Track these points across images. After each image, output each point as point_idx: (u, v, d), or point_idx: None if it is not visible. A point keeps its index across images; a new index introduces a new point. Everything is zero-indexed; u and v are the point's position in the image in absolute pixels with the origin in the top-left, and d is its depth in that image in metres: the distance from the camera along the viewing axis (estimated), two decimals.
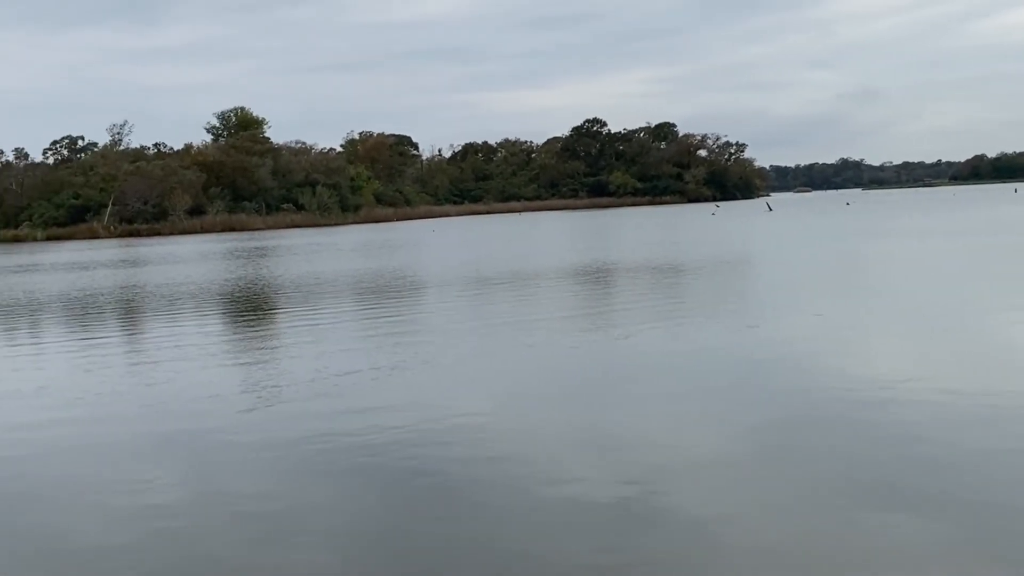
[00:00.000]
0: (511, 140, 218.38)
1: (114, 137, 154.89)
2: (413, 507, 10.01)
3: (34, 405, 16.07)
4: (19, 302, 36.59)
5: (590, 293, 31.27)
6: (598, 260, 44.55)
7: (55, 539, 9.66)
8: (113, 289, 40.72)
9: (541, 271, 39.60)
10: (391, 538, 9.23)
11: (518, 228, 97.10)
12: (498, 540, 9.08)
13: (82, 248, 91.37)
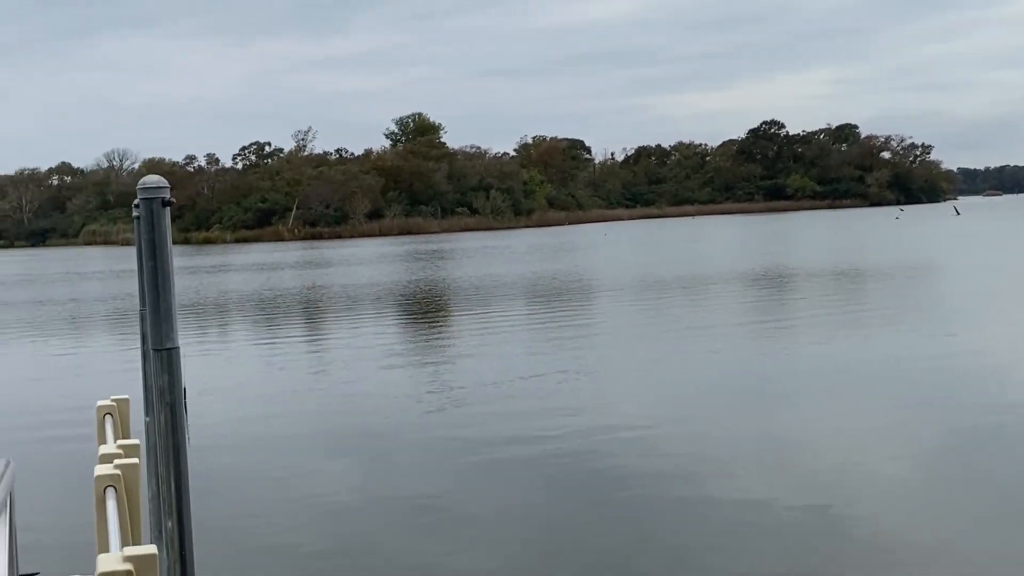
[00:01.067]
0: (685, 143, 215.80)
1: (299, 143, 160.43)
2: (589, 510, 9.97)
3: (232, 400, 16.70)
4: (214, 301, 38.21)
5: (773, 299, 30.57)
6: (778, 264, 43.55)
7: (240, 528, 9.99)
8: (301, 290, 42.12)
9: (718, 275, 38.98)
10: (567, 540, 9.22)
11: (692, 231, 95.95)
12: (673, 545, 8.95)
13: (268, 250, 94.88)
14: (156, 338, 4.19)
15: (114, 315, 34.48)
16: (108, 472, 4.91)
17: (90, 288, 50.18)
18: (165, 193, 4.22)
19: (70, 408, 16.46)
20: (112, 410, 6.58)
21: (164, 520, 4.18)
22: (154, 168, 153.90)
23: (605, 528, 9.43)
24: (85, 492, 10.11)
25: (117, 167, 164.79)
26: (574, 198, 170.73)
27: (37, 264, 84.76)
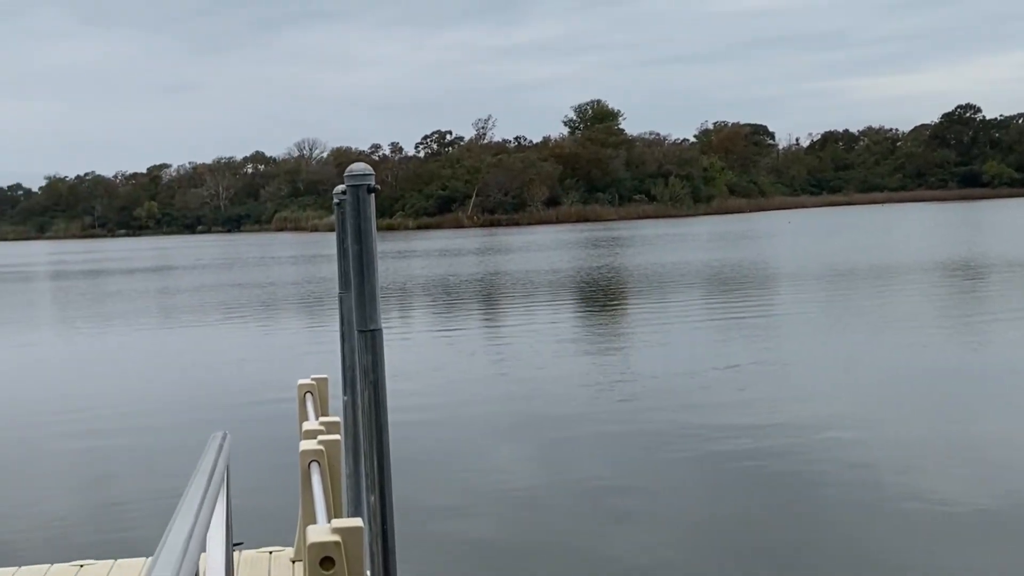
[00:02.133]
0: (874, 128, 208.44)
1: (479, 131, 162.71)
2: (769, 505, 9.78)
3: (418, 383, 17.09)
4: (400, 286, 39.21)
5: (977, 291, 29.22)
6: (979, 254, 41.59)
7: (426, 508, 10.22)
8: (483, 275, 42.77)
9: (915, 265, 37.52)
10: (742, 533, 9.09)
11: (884, 219, 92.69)
12: (854, 544, 8.67)
13: (448, 236, 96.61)
14: (360, 320, 4.36)
15: (310, 298, 35.85)
16: (312, 447, 5.13)
17: (285, 272, 52.26)
18: (371, 180, 4.37)
19: (270, 386, 17.21)
20: (312, 388, 6.86)
21: (367, 495, 4.34)
22: (341, 157, 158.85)
23: (791, 528, 9.26)
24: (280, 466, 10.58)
25: (307, 156, 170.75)
26: (756, 185, 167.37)
27: (234, 249, 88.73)
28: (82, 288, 48.16)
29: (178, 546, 2.14)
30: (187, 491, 2.76)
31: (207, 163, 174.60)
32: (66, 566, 6.47)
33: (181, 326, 28.90)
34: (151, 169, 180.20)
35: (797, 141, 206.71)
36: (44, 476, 12.39)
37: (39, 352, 24.93)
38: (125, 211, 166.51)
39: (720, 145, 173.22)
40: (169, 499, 10.45)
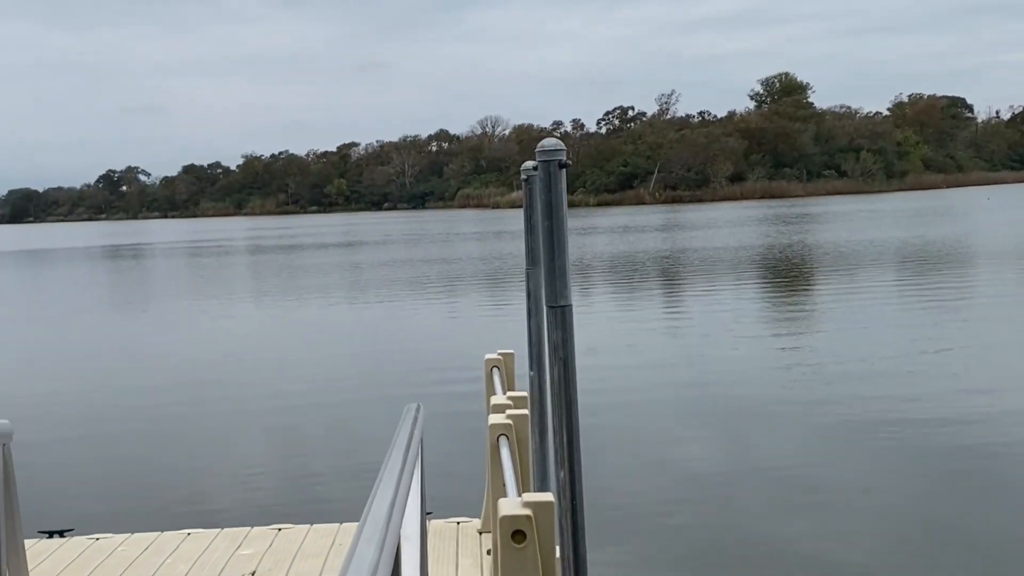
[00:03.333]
0: None
1: (661, 107, 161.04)
2: (958, 495, 9.34)
3: (600, 360, 17.02)
4: (582, 263, 39.28)
5: None
6: None
7: (610, 486, 10.19)
8: (668, 252, 42.40)
9: None
10: (932, 524, 8.72)
11: None
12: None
13: (630, 213, 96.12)
14: (551, 295, 4.35)
15: (496, 274, 36.34)
16: (501, 421, 5.18)
17: (470, 248, 53.13)
18: (562, 155, 4.34)
19: (455, 360, 17.53)
20: (499, 363, 6.93)
21: (556, 470, 4.35)
22: (523, 134, 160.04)
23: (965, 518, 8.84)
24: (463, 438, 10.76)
25: (490, 133, 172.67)
26: (953, 160, 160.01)
27: (419, 226, 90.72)
28: (279, 262, 50.19)
29: (382, 514, 2.19)
30: (386, 461, 2.82)
31: (393, 141, 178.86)
32: (265, 529, 6.75)
33: (371, 300, 29.75)
34: (341, 148, 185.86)
35: (997, 114, 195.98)
36: (244, 444, 12.97)
37: (239, 325, 26.10)
38: (316, 188, 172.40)
39: (915, 118, 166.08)
40: (358, 468, 10.80)
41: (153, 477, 11.27)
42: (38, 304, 34.04)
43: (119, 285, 42.85)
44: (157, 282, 43.36)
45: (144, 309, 30.81)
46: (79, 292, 38.39)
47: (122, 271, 53.05)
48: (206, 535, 6.67)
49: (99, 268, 56.14)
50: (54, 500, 9.72)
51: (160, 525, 7.22)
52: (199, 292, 35.53)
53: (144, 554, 6.33)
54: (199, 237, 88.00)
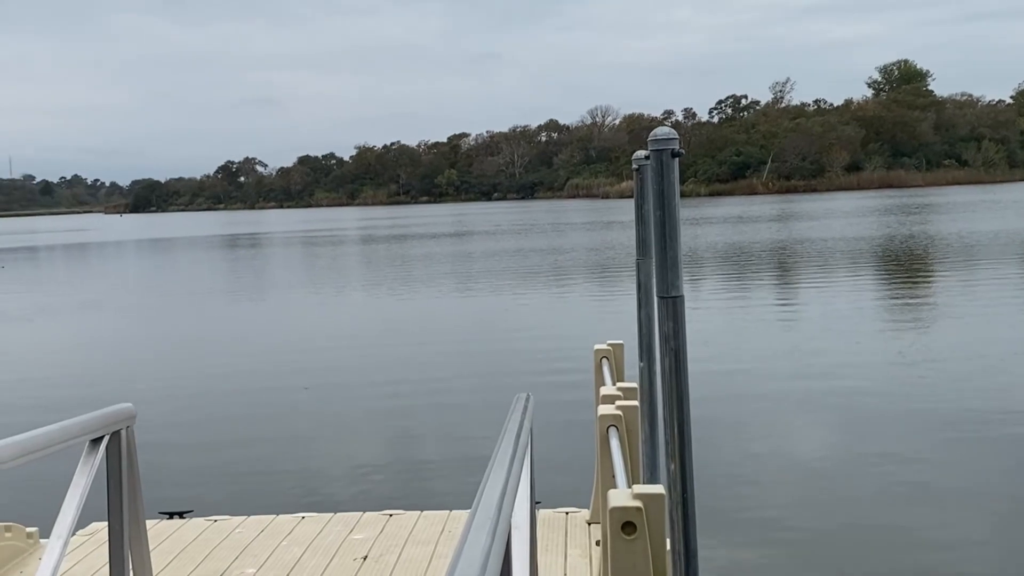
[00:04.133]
0: None
1: (776, 95, 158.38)
2: None
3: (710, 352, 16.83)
4: (693, 253, 38.91)
5: None
6: None
7: (719, 480, 10.06)
8: (783, 243, 41.72)
9: None
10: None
11: None
12: None
13: (743, 203, 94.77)
14: (662, 286, 4.31)
15: (604, 264, 36.26)
16: (611, 412, 5.15)
17: (579, 238, 53.08)
18: (675, 144, 4.29)
19: (563, 350, 17.54)
20: (608, 354, 6.90)
21: (667, 462, 4.31)
22: (633, 123, 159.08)
23: None
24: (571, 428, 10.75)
25: (599, 123, 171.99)
26: None
27: (528, 215, 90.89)
28: (391, 252, 50.87)
29: (493, 502, 2.19)
30: (497, 450, 2.83)
31: (503, 132, 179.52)
32: (376, 514, 6.85)
33: (480, 290, 29.94)
34: (451, 138, 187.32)
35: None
36: (356, 430, 13.18)
37: (351, 313, 26.52)
38: (427, 179, 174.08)
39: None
40: (467, 457, 10.88)
41: (268, 461, 11.53)
42: (160, 291, 35.12)
43: (237, 273, 43.95)
44: (273, 271, 44.34)
45: (260, 297, 31.54)
46: (198, 280, 39.49)
47: (240, 260, 54.39)
48: (320, 519, 6.80)
49: (217, 257, 57.66)
50: (174, 482, 10.02)
51: (275, 508, 7.38)
52: (313, 281, 36.22)
53: (260, 536, 6.48)
54: (313, 227, 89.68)
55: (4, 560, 6.10)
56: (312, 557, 6.06)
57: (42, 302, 31.32)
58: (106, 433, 3.71)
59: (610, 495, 3.63)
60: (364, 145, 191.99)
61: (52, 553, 3.34)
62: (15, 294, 35.34)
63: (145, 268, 51.69)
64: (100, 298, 32.61)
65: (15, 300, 32.55)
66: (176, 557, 6.10)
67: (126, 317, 27.51)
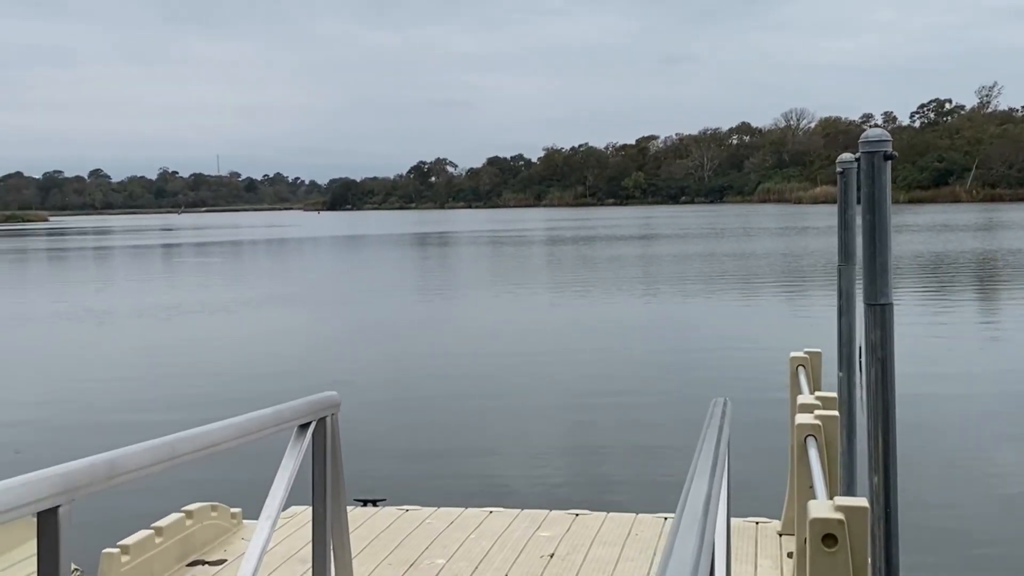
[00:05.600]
0: None
1: (982, 100, 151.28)
2: None
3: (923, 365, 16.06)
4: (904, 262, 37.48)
5: None
6: None
7: (918, 495, 9.64)
8: (992, 254, 39.82)
9: None
10: None
11: None
12: None
13: (946, 211, 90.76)
14: (870, 293, 4.16)
15: (799, 270, 35.43)
16: (809, 422, 5.01)
17: (772, 244, 52.04)
18: (887, 146, 4.15)
19: (753, 357, 17.22)
20: (804, 362, 6.72)
21: (870, 475, 4.16)
22: (829, 127, 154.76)
23: None
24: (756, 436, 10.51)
25: (793, 126, 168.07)
26: None
27: (718, 220, 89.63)
28: (578, 254, 51.05)
29: (699, 506, 2.16)
30: (698, 455, 2.79)
31: (693, 134, 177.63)
32: (563, 513, 6.87)
33: (668, 293, 29.70)
34: (639, 140, 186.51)
35: None
36: (542, 430, 13.27)
37: (537, 314, 26.73)
38: (614, 181, 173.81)
39: None
40: (654, 461, 10.80)
41: (457, 455, 11.74)
42: (355, 287, 36.26)
43: (426, 271, 44.98)
44: (461, 270, 45.16)
45: (450, 296, 32.16)
46: (391, 276, 40.59)
47: (429, 258, 55.65)
48: (507, 514, 6.88)
49: (408, 255, 59.14)
50: (368, 470, 10.31)
51: (463, 501, 7.50)
52: (500, 280, 36.69)
53: (450, 528, 6.60)
54: (500, 227, 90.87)
55: (209, 539, 6.40)
56: (500, 551, 6.13)
57: (246, 295, 32.82)
58: (313, 419, 3.84)
59: (811, 506, 3.53)
60: (552, 147, 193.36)
61: (261, 533, 3.47)
62: (221, 287, 37.16)
63: (340, 264, 53.48)
64: (299, 292, 33.94)
65: (220, 292, 34.21)
66: (369, 544, 6.28)
67: (324, 310, 28.51)
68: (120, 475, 2.57)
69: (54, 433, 13.58)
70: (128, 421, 13.72)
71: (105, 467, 2.49)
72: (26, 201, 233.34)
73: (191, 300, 31.02)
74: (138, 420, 13.62)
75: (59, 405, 15.56)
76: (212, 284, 38.44)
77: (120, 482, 2.57)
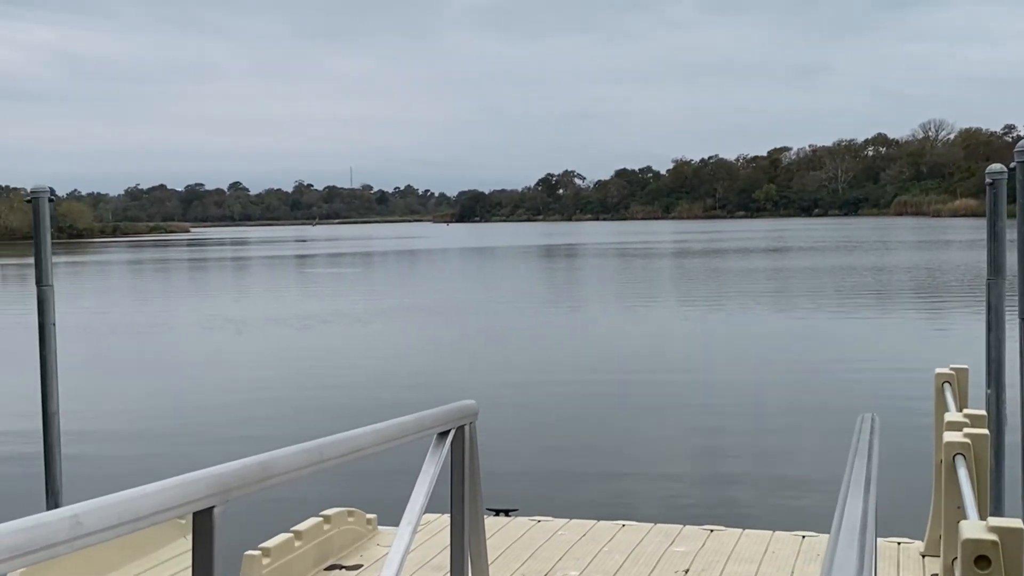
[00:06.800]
0: None
1: None
2: None
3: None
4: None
5: None
6: None
7: None
8: None
9: None
10: None
11: None
12: None
13: None
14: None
15: (943, 285, 34.41)
16: (958, 440, 4.84)
17: (910, 257, 50.72)
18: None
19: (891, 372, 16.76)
20: (951, 379, 6.49)
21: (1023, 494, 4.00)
22: (969, 138, 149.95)
23: None
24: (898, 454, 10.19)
25: (932, 137, 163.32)
26: None
27: (853, 233, 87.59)
28: (708, 266, 50.51)
29: (856, 521, 2.11)
30: (850, 470, 2.72)
31: (827, 146, 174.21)
32: (696, 528, 6.78)
33: (804, 307, 29.15)
34: (771, 152, 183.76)
35: None
36: (672, 443, 13.13)
37: (663, 326, 26.52)
38: (744, 193, 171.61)
39: None
40: (788, 477, 10.58)
41: (588, 466, 11.71)
42: (484, 297, 36.56)
43: (555, 283, 45.08)
44: (590, 282, 45.12)
45: (580, 307, 32.17)
46: (519, 287, 40.80)
47: (557, 270, 55.78)
48: (640, 528, 6.81)
49: (536, 266, 59.38)
50: (500, 480, 10.36)
51: (594, 513, 7.47)
52: (631, 293, 36.54)
53: (582, 540, 6.57)
54: (628, 239, 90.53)
55: (345, 544, 6.51)
56: (633, 565, 6.08)
57: (379, 305, 33.41)
58: (452, 427, 3.87)
59: (963, 526, 3.41)
60: (681, 158, 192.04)
61: (402, 539, 3.51)
62: (354, 297, 37.91)
63: (470, 275, 54.01)
64: (430, 302, 34.39)
65: (354, 303, 34.90)
66: (502, 554, 6.30)
67: (455, 320, 28.83)
68: (272, 477, 2.63)
69: (205, 436, 14.04)
70: (268, 427, 14.10)
71: (258, 469, 2.56)
72: (169, 213, 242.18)
73: (325, 310, 31.72)
74: (278, 426, 13.98)
75: (207, 411, 16.08)
76: (345, 294, 39.25)
77: (272, 484, 2.63)
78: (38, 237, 5.64)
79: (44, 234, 5.64)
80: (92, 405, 15.86)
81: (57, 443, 5.72)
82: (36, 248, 5.64)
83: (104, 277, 58.00)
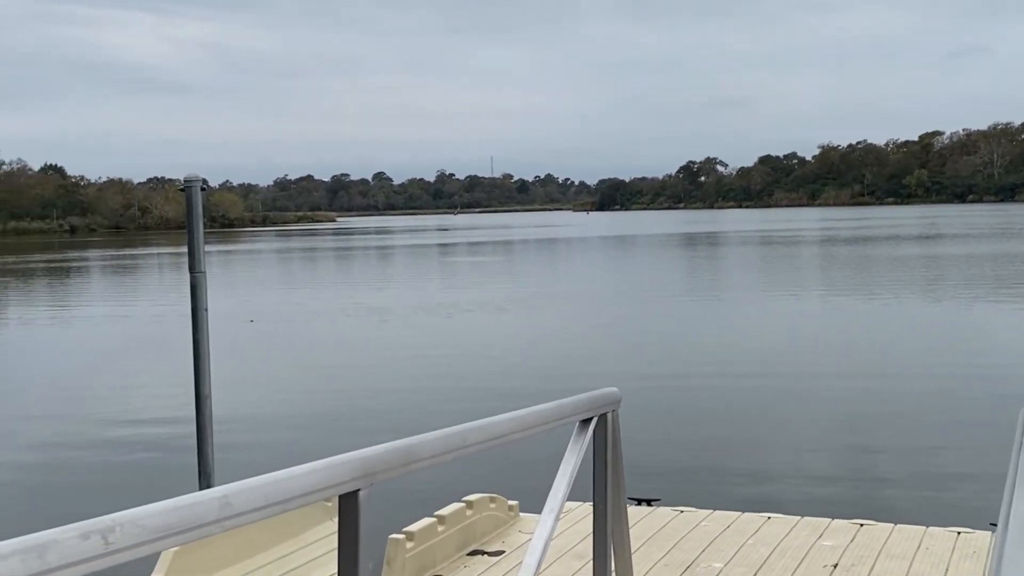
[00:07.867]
0: None
1: None
2: None
3: None
4: None
5: None
6: None
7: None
8: None
9: None
10: None
11: None
12: None
13: None
14: None
15: None
16: None
17: None
18: None
19: None
20: None
21: None
22: None
23: None
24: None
25: None
26: None
27: (1011, 219, 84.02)
28: (862, 254, 49.16)
29: None
30: (1015, 466, 2.58)
31: (982, 130, 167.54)
32: (845, 523, 6.58)
33: (960, 297, 28.15)
34: (922, 137, 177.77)
35: None
36: (818, 435, 12.81)
37: (811, 316, 25.93)
38: (894, 179, 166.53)
39: None
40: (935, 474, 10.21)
41: (731, 457, 11.52)
42: (625, 286, 36.37)
43: (695, 271, 44.54)
44: (733, 270, 44.43)
45: (721, 295, 31.72)
46: (660, 276, 40.46)
47: (698, 258, 55.10)
48: (786, 521, 6.65)
49: (677, 255, 58.80)
50: (642, 469, 10.28)
51: (738, 505, 7.33)
52: (776, 282, 35.85)
53: (726, 532, 6.46)
54: (773, 227, 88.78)
55: (487, 530, 6.54)
56: (780, 559, 5.94)
57: (519, 293, 33.57)
58: (595, 415, 3.82)
59: None
60: (828, 144, 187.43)
61: (544, 526, 3.48)
62: (496, 285, 38.18)
63: (611, 263, 53.80)
64: (571, 290, 34.38)
65: (496, 291, 35.15)
66: (645, 543, 6.23)
67: (597, 308, 28.76)
68: (416, 461, 2.63)
69: (350, 421, 14.34)
70: (411, 413, 14.31)
71: (402, 453, 2.56)
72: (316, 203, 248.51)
73: (467, 298, 32.03)
74: (422, 412, 14.18)
75: (352, 396, 16.42)
76: (487, 283, 39.56)
77: (415, 468, 2.64)
78: (191, 225, 5.76)
79: (196, 221, 5.77)
80: (240, 392, 16.36)
81: (209, 425, 5.87)
82: (189, 235, 5.76)
83: (254, 266, 59.84)
